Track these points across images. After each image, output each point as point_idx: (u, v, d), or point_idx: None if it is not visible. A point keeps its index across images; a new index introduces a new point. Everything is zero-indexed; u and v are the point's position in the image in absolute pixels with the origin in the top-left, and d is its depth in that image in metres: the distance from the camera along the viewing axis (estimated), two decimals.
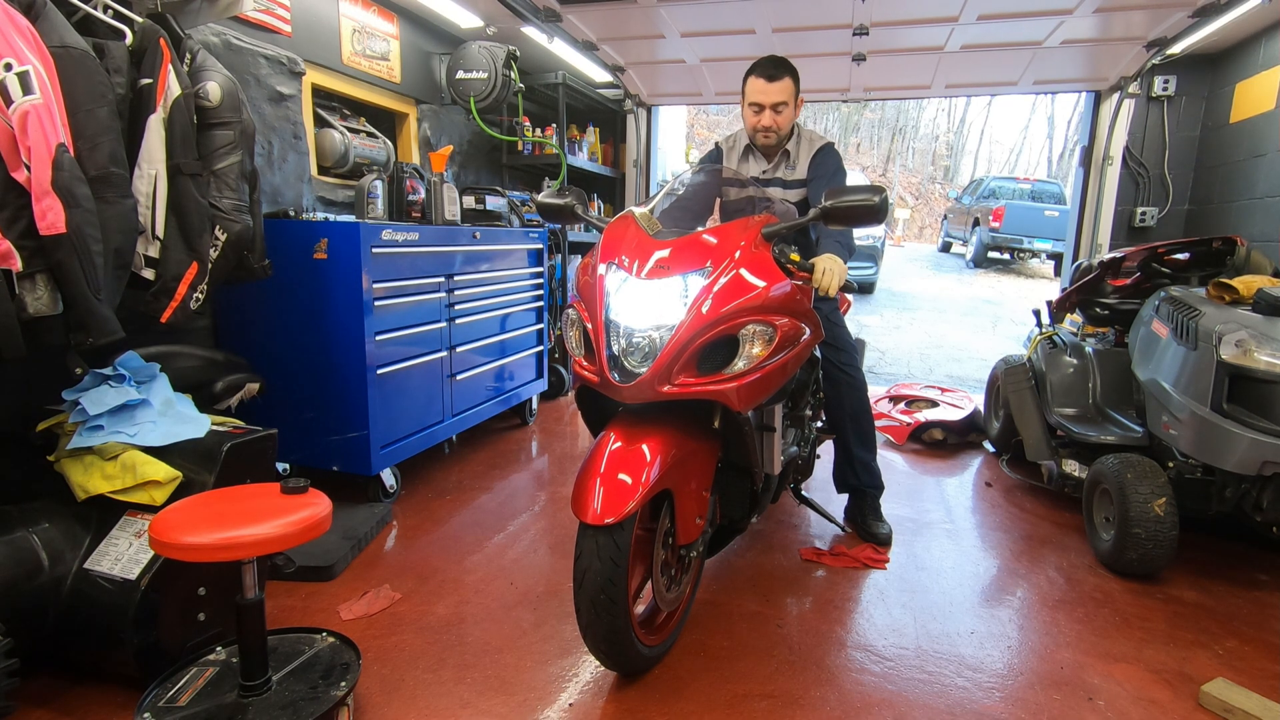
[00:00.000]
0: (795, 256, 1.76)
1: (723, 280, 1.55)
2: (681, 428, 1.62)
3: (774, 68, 2.20)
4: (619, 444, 1.55)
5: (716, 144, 2.53)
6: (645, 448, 1.53)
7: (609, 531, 1.46)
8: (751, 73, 2.22)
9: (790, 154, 2.36)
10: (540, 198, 2.01)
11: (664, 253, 1.60)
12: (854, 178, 2.44)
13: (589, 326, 1.61)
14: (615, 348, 1.56)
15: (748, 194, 2.16)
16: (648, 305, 1.55)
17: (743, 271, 1.59)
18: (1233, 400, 2.04)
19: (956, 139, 25.87)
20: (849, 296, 1.79)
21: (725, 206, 2.32)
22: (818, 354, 2.27)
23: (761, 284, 1.59)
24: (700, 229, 1.72)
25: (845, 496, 2.61)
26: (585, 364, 1.64)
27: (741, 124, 2.39)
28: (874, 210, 1.63)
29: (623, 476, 1.48)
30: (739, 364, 1.55)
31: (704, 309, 1.52)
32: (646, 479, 1.48)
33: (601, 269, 1.62)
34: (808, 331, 1.76)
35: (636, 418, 1.63)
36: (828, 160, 2.32)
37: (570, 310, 1.71)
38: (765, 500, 1.99)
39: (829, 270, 1.80)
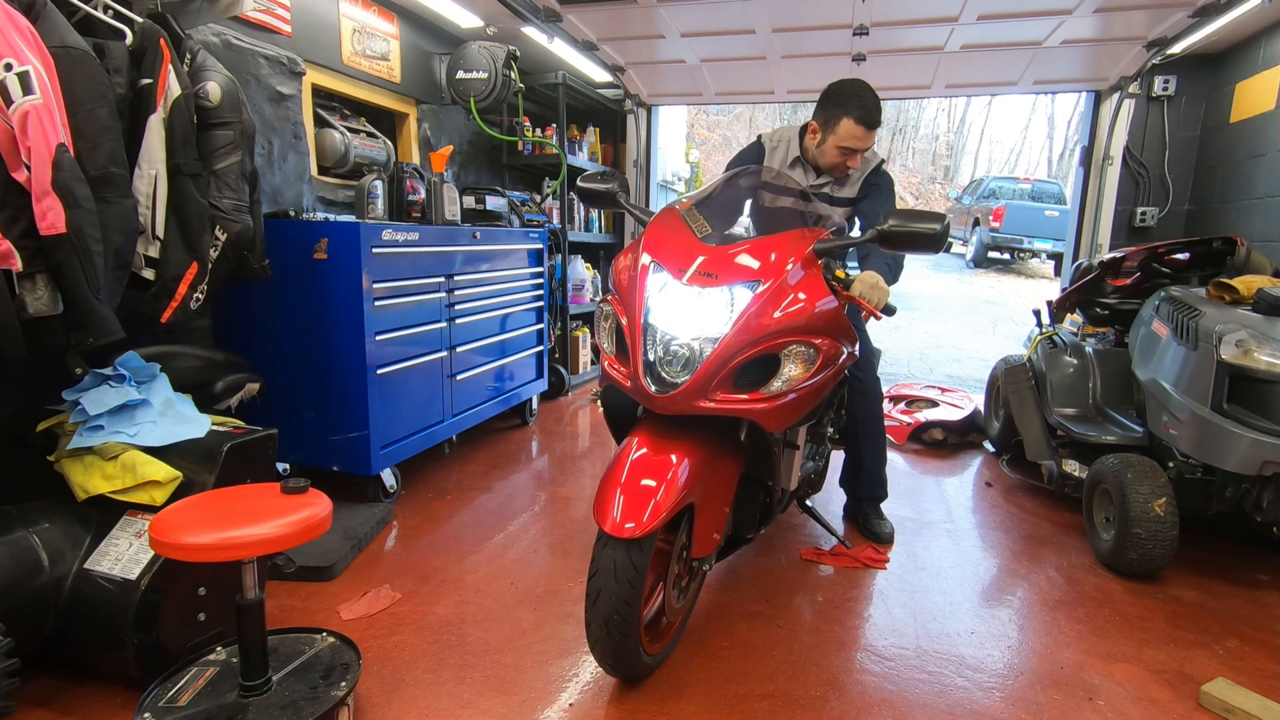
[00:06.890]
0: (841, 274, 1.71)
1: (772, 297, 1.49)
2: (707, 439, 1.57)
3: (876, 113, 2.08)
4: (644, 451, 1.50)
5: (759, 137, 2.39)
6: (672, 459, 1.48)
7: (628, 551, 1.41)
8: (848, 114, 2.07)
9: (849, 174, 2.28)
10: (582, 181, 1.90)
11: (712, 259, 1.53)
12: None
13: (623, 322, 1.56)
14: (652, 354, 1.50)
15: (787, 204, 2.01)
16: (690, 313, 1.49)
17: (794, 289, 1.53)
18: (1233, 400, 2.04)
19: (956, 139, 25.82)
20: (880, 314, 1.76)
21: (763, 209, 2.17)
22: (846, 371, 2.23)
23: (810, 302, 1.54)
24: (749, 237, 1.65)
25: (845, 496, 2.60)
26: (618, 365, 1.59)
27: (781, 124, 2.34)
28: (934, 240, 1.54)
29: (646, 482, 1.44)
30: (776, 384, 1.49)
31: (751, 325, 1.46)
32: (671, 493, 1.43)
33: (645, 261, 1.56)
34: (845, 352, 1.70)
35: (662, 425, 1.58)
36: (881, 181, 2.27)
37: (605, 304, 1.64)
38: (776, 513, 1.95)
39: (873, 289, 1.74)
